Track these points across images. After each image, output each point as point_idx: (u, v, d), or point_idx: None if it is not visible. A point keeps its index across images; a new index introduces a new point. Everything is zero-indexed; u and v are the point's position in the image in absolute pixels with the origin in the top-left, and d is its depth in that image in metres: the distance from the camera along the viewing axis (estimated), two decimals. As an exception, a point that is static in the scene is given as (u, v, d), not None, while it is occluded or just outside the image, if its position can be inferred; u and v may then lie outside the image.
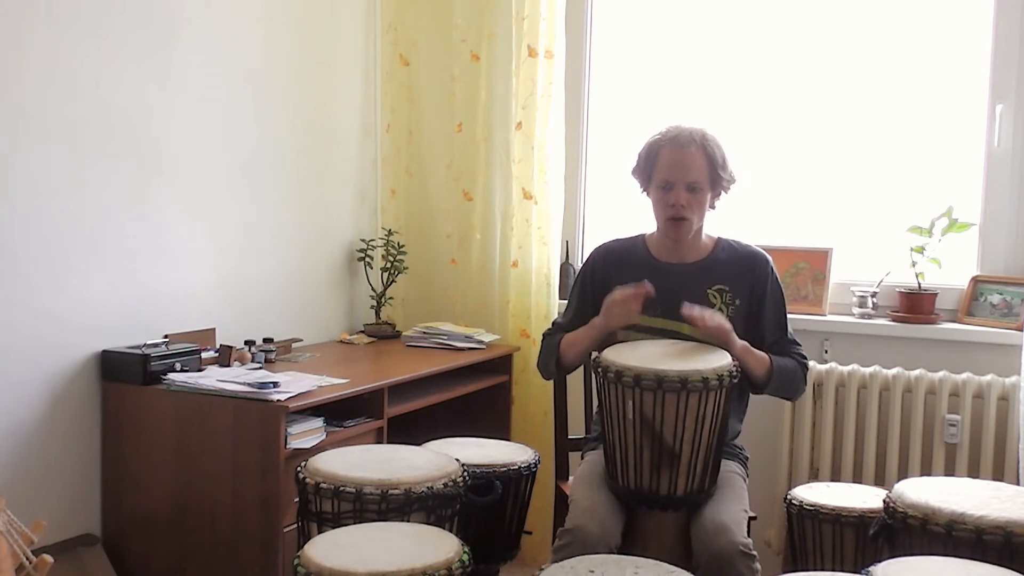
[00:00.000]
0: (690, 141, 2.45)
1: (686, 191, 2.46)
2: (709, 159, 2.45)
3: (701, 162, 2.45)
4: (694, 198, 2.47)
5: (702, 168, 2.45)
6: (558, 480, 2.87)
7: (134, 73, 2.80)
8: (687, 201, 2.47)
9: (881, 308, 3.34)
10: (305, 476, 2.25)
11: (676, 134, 2.48)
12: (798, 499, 2.64)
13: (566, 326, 2.64)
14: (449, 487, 2.23)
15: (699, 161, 2.45)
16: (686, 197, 2.46)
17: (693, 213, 2.48)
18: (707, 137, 2.48)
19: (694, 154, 2.45)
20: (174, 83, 2.93)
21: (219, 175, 3.12)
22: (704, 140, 2.46)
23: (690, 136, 2.46)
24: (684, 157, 2.45)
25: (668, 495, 2.25)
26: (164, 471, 2.67)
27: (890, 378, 3.16)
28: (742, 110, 3.56)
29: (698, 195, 2.47)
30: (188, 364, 2.76)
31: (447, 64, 3.72)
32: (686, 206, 2.47)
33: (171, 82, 2.92)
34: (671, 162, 2.46)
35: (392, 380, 2.92)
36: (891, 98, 3.39)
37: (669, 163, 2.47)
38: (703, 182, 2.47)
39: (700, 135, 2.47)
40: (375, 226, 3.85)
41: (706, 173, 2.46)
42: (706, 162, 2.45)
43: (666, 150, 2.48)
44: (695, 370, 2.20)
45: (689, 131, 2.48)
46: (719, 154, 2.47)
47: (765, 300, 2.55)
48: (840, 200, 3.47)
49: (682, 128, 2.49)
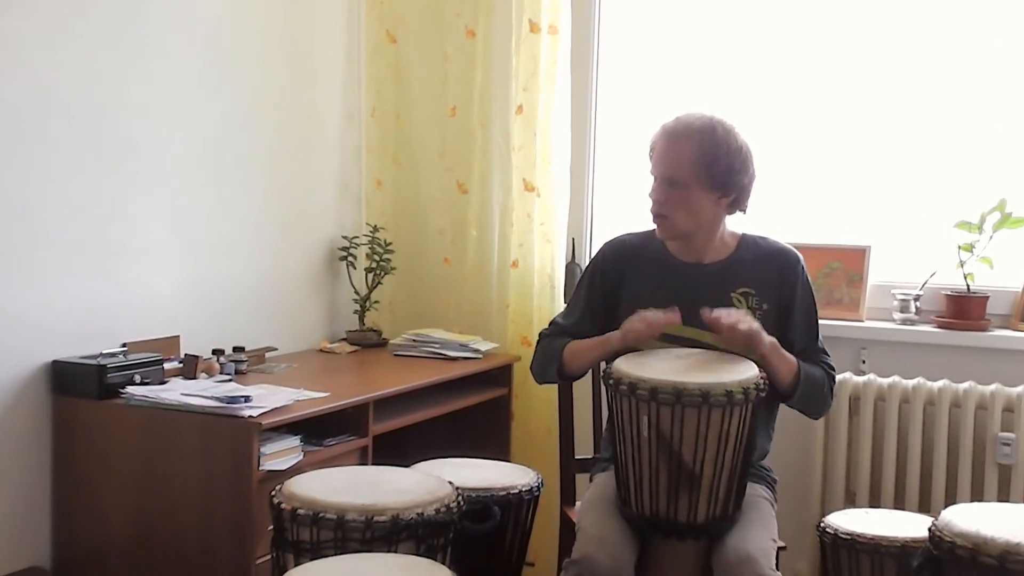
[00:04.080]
0: (686, 132, 2.43)
1: (665, 186, 2.46)
2: (699, 153, 2.42)
3: (688, 157, 2.42)
4: (673, 194, 2.46)
5: (686, 162, 2.43)
6: (563, 505, 2.86)
7: (83, 48, 2.79)
8: (664, 197, 2.47)
9: (925, 313, 3.33)
10: (280, 501, 2.24)
11: (675, 123, 2.48)
12: (832, 527, 2.64)
13: (570, 329, 2.64)
14: (441, 513, 2.23)
15: (686, 156, 2.43)
16: (663, 192, 2.47)
17: (674, 211, 2.47)
18: (713, 129, 2.43)
19: (682, 147, 2.43)
20: (131, 61, 2.92)
21: (183, 166, 3.11)
22: (704, 133, 2.42)
23: (689, 126, 2.44)
24: (669, 149, 2.45)
25: (687, 522, 2.25)
26: (122, 496, 2.66)
27: (935, 391, 3.16)
28: (768, 91, 3.56)
29: (678, 191, 2.45)
30: (149, 376, 2.76)
31: (439, 41, 3.72)
32: (663, 202, 2.47)
33: (127, 59, 2.91)
34: (657, 153, 2.49)
35: (378, 394, 2.91)
36: (936, 78, 3.38)
37: (657, 154, 2.49)
38: (684, 178, 2.44)
39: (703, 126, 2.43)
40: (359, 222, 3.85)
41: (690, 168, 2.43)
42: (695, 157, 2.42)
43: (660, 140, 2.49)
44: (718, 383, 2.20)
45: (690, 121, 2.45)
46: (721, 154, 2.42)
47: (795, 304, 2.54)
48: (878, 192, 3.47)
49: (691, 117, 2.47)
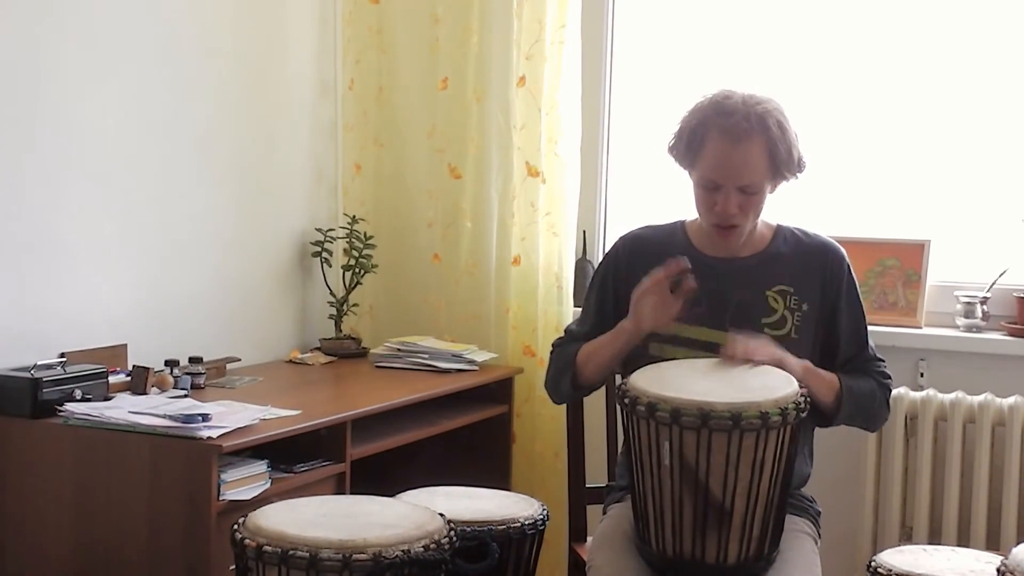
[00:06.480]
0: (748, 131, 2.41)
1: (738, 194, 2.45)
2: (770, 153, 2.43)
3: (759, 158, 2.43)
4: (748, 201, 2.46)
5: (759, 165, 2.43)
6: (572, 542, 2.87)
7: (11, 14, 2.79)
8: (739, 206, 2.46)
9: (994, 318, 3.34)
10: (244, 536, 2.24)
11: (729, 116, 2.42)
12: (886, 566, 2.64)
13: (583, 335, 2.64)
14: (431, 551, 2.23)
15: (756, 158, 2.43)
16: (738, 201, 2.45)
17: (746, 218, 2.49)
18: (770, 119, 2.43)
19: (750, 150, 2.42)
20: (70, 28, 2.93)
21: (131, 150, 3.12)
22: (765, 126, 2.42)
23: (747, 120, 2.41)
24: (736, 154, 2.42)
25: (716, 564, 2.24)
26: (59, 530, 2.65)
27: (1005, 410, 3.16)
28: (814, 67, 3.56)
29: (754, 197, 2.47)
30: (92, 391, 2.75)
31: (428, 1, 3.72)
32: (738, 212, 2.47)
33: (65, 27, 2.92)
34: (720, 159, 2.44)
35: (357, 412, 2.91)
36: (1004, 54, 3.38)
37: (717, 159, 2.44)
38: (760, 182, 2.45)
39: (760, 117, 2.42)
40: (335, 212, 3.86)
41: (765, 170, 2.44)
42: (766, 158, 2.43)
43: (715, 139, 2.44)
44: (751, 402, 2.20)
45: (746, 111, 2.42)
46: (784, 144, 2.43)
47: (840, 306, 2.55)
48: (939, 178, 3.48)
49: (737, 104, 2.43)
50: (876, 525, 3.27)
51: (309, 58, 3.75)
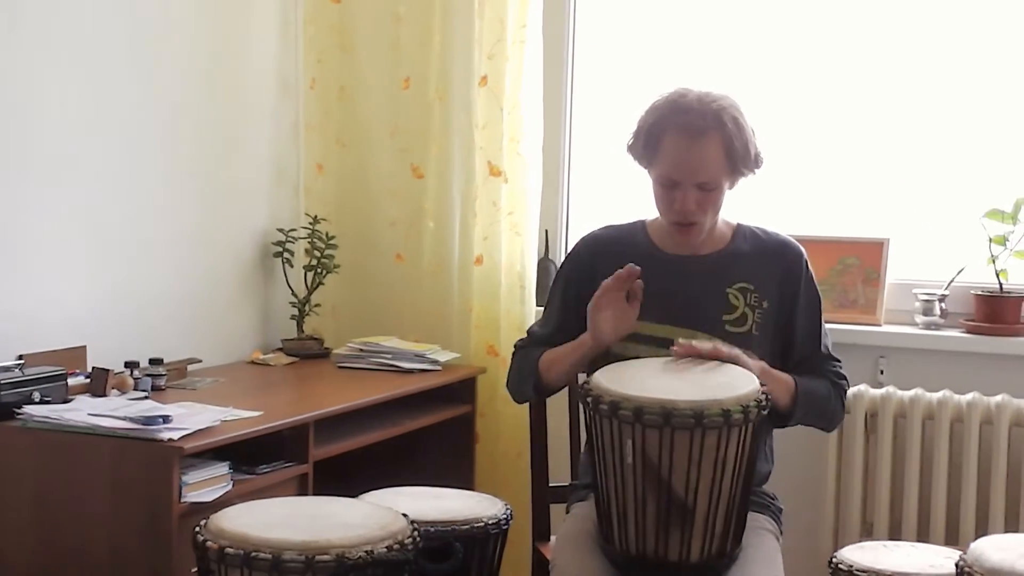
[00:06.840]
0: (704, 128, 2.43)
1: (696, 191, 2.47)
2: (727, 149, 2.45)
3: (716, 155, 2.45)
4: (707, 197, 2.48)
5: (717, 162, 2.45)
6: (536, 541, 2.87)
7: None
8: (698, 202, 2.48)
9: (952, 316, 3.37)
10: (206, 538, 2.23)
11: (685, 114, 2.45)
12: (847, 563, 2.65)
13: (546, 337, 2.65)
14: (395, 551, 2.23)
15: (713, 154, 2.45)
16: (696, 198, 2.47)
17: (705, 215, 2.50)
18: (726, 115, 2.45)
19: (706, 146, 2.44)
20: (28, 23, 2.90)
21: (91, 149, 3.10)
22: (721, 122, 2.44)
23: (703, 118, 2.44)
24: (694, 151, 2.44)
25: (679, 561, 2.25)
26: (18, 534, 2.63)
27: (964, 406, 3.19)
28: (773, 67, 3.59)
29: (712, 193, 2.49)
30: (50, 393, 2.74)
31: (390, 0, 3.72)
32: (696, 209, 2.48)
33: (23, 22, 2.89)
34: (677, 156, 2.46)
35: (319, 412, 2.91)
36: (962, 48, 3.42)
37: (675, 156, 2.46)
38: (718, 179, 2.47)
39: (716, 114, 2.44)
40: (296, 212, 3.84)
41: (722, 167, 2.46)
42: (723, 154, 2.45)
43: (672, 137, 2.46)
44: (713, 400, 2.21)
45: (702, 108, 2.45)
46: (740, 139, 2.45)
47: (798, 304, 2.58)
48: (897, 177, 3.51)
49: (693, 101, 2.46)
50: (837, 521, 3.29)
51: (270, 57, 3.74)
